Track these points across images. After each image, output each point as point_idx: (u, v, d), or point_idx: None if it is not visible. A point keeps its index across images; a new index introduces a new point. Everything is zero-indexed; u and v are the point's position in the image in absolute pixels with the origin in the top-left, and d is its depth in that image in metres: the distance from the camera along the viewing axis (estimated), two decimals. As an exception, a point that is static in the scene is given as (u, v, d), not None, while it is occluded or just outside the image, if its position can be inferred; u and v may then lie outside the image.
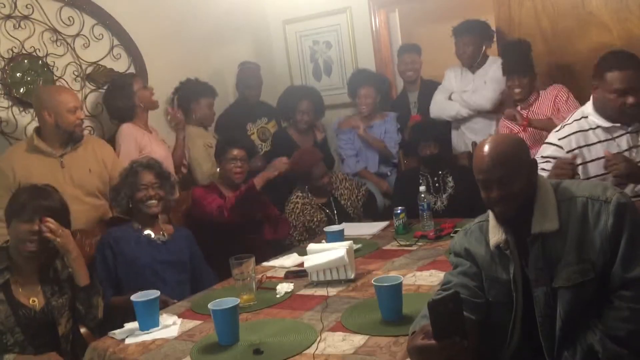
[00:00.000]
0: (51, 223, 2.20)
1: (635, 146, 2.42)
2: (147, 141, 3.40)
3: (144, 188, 2.74)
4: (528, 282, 1.67)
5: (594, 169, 2.47)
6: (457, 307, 1.45)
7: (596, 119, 2.48)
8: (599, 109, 2.47)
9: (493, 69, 3.67)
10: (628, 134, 2.44)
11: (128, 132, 3.35)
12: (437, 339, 1.42)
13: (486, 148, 1.69)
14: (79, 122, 2.97)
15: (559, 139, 2.54)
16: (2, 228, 2.44)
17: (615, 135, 2.46)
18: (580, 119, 2.53)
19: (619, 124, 2.44)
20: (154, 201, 2.74)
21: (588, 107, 2.54)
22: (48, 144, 2.93)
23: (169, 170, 2.96)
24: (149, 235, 2.74)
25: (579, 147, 2.49)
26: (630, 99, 2.35)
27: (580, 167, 2.46)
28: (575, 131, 2.51)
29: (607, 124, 2.45)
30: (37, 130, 2.97)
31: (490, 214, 1.75)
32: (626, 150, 2.42)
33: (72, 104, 2.93)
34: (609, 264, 1.58)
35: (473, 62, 3.81)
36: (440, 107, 3.86)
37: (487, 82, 3.71)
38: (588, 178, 2.45)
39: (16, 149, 2.99)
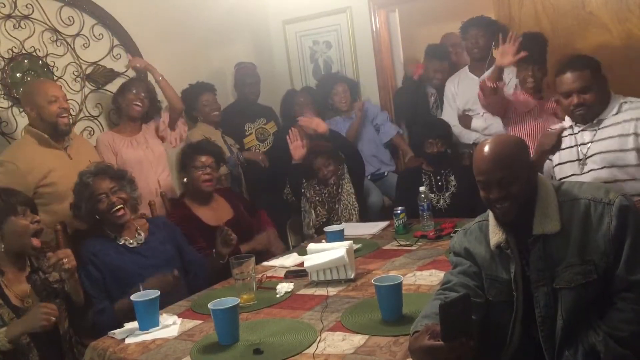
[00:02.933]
0: (60, 254, 2.20)
1: (582, 144, 2.56)
2: (123, 145, 3.36)
3: (103, 197, 2.54)
4: (528, 282, 1.67)
5: (561, 156, 2.65)
6: (466, 309, 1.47)
7: (567, 118, 2.67)
8: None
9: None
10: (584, 131, 2.57)
11: (102, 139, 3.37)
12: (446, 340, 1.43)
13: (486, 149, 1.69)
14: (60, 111, 2.89)
15: None
16: None
17: (575, 132, 2.61)
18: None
19: (574, 122, 2.60)
20: (119, 207, 2.55)
21: None
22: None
23: (124, 169, 2.82)
24: (125, 242, 2.59)
25: None
26: (574, 100, 2.49)
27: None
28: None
29: (569, 122, 2.63)
30: (28, 129, 2.94)
31: (490, 213, 1.75)
32: (574, 145, 2.58)
33: (52, 93, 2.89)
34: (612, 266, 1.59)
35: (484, 57, 3.74)
36: (458, 134, 3.77)
37: None
38: (561, 164, 2.64)
39: (24, 142, 2.94)
